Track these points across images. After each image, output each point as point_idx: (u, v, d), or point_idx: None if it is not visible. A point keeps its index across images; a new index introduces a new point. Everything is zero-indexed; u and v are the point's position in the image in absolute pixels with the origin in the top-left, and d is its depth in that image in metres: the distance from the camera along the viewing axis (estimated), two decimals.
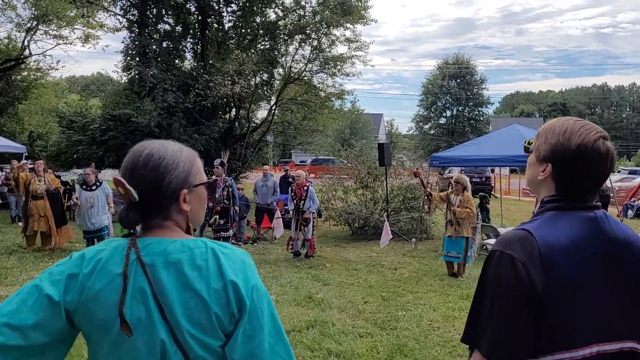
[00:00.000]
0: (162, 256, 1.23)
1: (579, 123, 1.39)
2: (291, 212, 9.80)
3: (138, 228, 1.32)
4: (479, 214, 9.50)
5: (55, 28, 19.73)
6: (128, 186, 1.24)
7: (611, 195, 12.36)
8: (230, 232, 9.86)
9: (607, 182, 12.19)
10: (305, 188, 9.55)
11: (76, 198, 9.23)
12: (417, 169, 12.00)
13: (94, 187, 9.30)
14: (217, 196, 9.61)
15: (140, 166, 1.28)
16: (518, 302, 1.26)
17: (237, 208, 10.13)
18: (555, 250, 1.28)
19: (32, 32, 20.00)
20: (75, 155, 16.81)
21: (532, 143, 1.50)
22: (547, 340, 1.27)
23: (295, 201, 9.58)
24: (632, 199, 18.64)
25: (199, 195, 1.37)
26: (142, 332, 1.19)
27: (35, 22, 19.29)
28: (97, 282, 1.22)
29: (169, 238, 1.27)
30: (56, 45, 20.67)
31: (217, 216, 9.49)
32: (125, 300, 1.19)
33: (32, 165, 10.49)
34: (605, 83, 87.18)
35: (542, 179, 1.42)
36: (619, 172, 31.72)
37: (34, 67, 22.72)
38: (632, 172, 30.29)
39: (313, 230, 9.84)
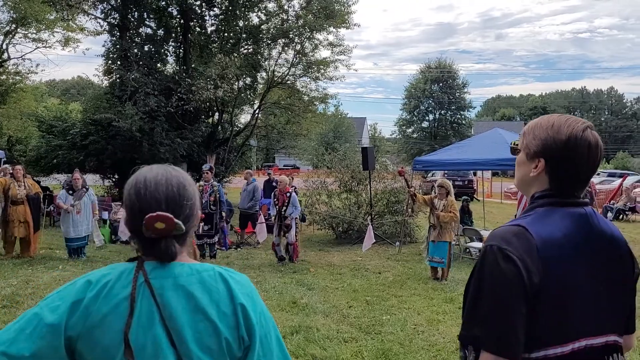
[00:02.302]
0: (171, 279, 1.20)
1: (564, 117, 1.42)
2: (273, 217, 9.71)
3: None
4: (463, 218, 9.55)
5: (35, 31, 19.52)
6: (176, 220, 1.19)
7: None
8: (216, 239, 9.77)
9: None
10: (288, 194, 9.43)
11: (71, 205, 9.04)
12: (402, 167, 12.07)
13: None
14: (203, 201, 9.52)
15: (179, 197, 1.24)
16: (519, 298, 1.25)
17: (223, 214, 10.05)
18: (551, 246, 1.29)
19: (10, 36, 19.74)
20: (55, 160, 16.61)
21: (518, 143, 1.50)
22: (541, 335, 1.27)
23: (277, 207, 9.49)
24: (612, 201, 18.93)
25: None
26: (148, 359, 1.14)
27: (14, 25, 19.05)
28: (103, 306, 1.17)
29: (177, 262, 1.24)
30: (35, 49, 20.45)
31: (202, 223, 9.41)
32: (131, 324, 1.14)
33: (12, 171, 10.25)
34: (584, 87, 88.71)
35: (535, 175, 1.42)
36: (598, 174, 32.19)
37: (12, 70, 22.39)
38: (611, 175, 30.75)
39: (296, 234, 9.76)
